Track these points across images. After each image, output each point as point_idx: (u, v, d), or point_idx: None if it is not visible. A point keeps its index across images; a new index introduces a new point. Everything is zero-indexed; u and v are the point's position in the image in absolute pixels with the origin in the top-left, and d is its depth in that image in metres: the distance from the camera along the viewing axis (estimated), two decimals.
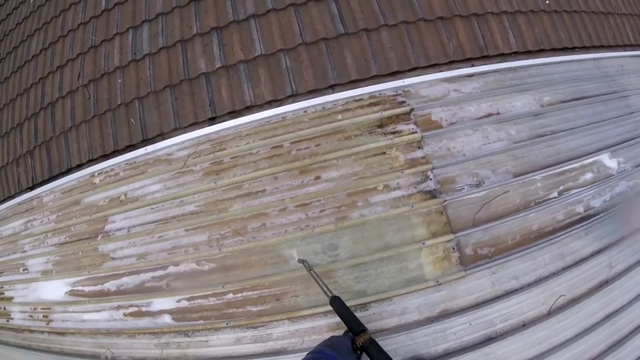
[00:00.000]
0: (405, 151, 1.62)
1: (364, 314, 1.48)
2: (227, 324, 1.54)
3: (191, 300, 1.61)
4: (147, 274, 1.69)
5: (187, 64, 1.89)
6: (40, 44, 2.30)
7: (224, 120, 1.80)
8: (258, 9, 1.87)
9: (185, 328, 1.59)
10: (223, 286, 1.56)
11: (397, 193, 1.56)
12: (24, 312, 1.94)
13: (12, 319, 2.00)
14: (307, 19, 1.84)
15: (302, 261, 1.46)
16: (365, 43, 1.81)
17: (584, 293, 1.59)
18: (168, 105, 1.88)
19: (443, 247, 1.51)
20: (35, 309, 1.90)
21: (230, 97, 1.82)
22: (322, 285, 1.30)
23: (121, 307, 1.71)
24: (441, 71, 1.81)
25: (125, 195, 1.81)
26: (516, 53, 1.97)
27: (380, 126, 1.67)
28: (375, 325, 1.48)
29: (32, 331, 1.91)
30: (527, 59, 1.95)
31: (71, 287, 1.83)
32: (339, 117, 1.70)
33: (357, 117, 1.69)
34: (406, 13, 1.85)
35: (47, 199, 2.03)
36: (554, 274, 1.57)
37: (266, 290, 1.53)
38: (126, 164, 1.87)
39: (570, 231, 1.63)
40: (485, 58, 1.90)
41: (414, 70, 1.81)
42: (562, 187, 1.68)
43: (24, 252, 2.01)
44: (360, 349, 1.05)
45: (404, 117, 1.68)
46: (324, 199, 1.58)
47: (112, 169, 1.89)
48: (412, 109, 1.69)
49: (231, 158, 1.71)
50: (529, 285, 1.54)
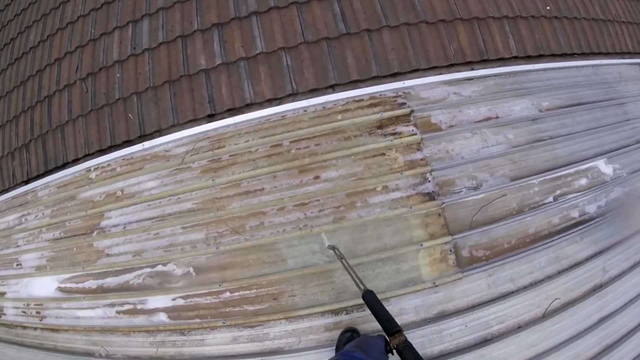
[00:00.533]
0: (405, 153, 1.64)
1: (361, 314, 1.50)
2: (224, 322, 1.55)
3: (187, 299, 1.61)
4: (143, 271, 1.69)
5: (187, 60, 1.89)
6: (38, 36, 2.28)
7: (223, 118, 1.81)
8: (260, 6, 1.88)
9: (181, 326, 1.60)
10: (220, 285, 1.57)
11: (396, 194, 1.58)
12: (17, 307, 1.93)
13: (5, 314, 1.99)
14: (310, 17, 1.85)
15: (333, 247, 1.40)
16: (367, 43, 1.83)
17: (578, 296, 1.62)
18: (167, 101, 1.88)
19: (441, 249, 1.53)
20: (28, 304, 1.89)
21: (230, 94, 1.82)
22: (355, 277, 1.20)
23: (116, 304, 1.71)
24: (441, 74, 1.84)
25: (122, 191, 1.81)
26: (516, 58, 2.00)
27: (380, 127, 1.69)
28: (372, 325, 1.49)
29: (25, 327, 1.90)
30: (526, 64, 1.98)
31: (65, 284, 1.83)
32: (339, 117, 1.72)
33: (357, 117, 1.70)
34: (408, 15, 1.87)
35: (42, 194, 2.03)
36: (550, 277, 1.60)
37: (263, 289, 1.55)
38: (123, 159, 1.86)
39: (565, 235, 1.66)
40: (485, 62, 1.93)
41: (415, 72, 1.83)
42: (558, 192, 1.71)
43: (18, 246, 2.00)
44: (394, 351, 0.95)
45: (404, 118, 1.70)
46: (323, 198, 1.60)
47: (108, 164, 1.89)
48: (412, 111, 1.71)
49: (230, 156, 1.72)
50: (525, 287, 1.56)
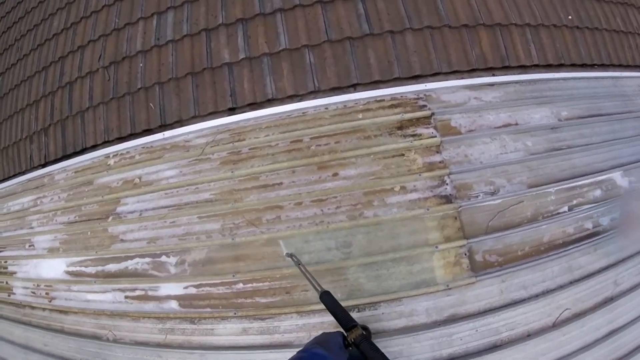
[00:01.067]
0: (424, 154, 1.68)
1: (373, 313, 1.53)
2: (235, 313, 1.59)
3: (199, 288, 1.66)
4: (157, 259, 1.73)
5: (211, 53, 1.95)
6: (62, 24, 2.36)
7: (244, 112, 1.86)
8: (285, 3, 1.94)
9: (192, 315, 1.64)
10: (233, 275, 1.61)
11: (414, 195, 1.62)
12: (27, 288, 1.98)
13: (14, 294, 2.04)
14: (334, 16, 1.91)
15: (291, 255, 1.49)
16: (390, 45, 1.88)
17: (589, 308, 1.64)
18: (189, 93, 1.94)
19: (455, 252, 1.56)
20: (38, 285, 1.94)
21: (252, 89, 1.88)
22: (312, 280, 1.28)
23: (127, 289, 1.75)
24: (463, 78, 1.88)
25: (140, 178, 1.86)
26: (537, 66, 2.04)
27: (400, 128, 1.73)
28: (382, 325, 1.53)
29: (33, 307, 1.95)
30: (547, 72, 2.02)
31: (77, 267, 1.88)
32: (360, 116, 1.76)
33: (377, 117, 1.75)
34: (432, 18, 1.92)
35: (58, 177, 2.08)
36: (562, 287, 1.62)
37: (276, 282, 1.59)
38: (143, 147, 1.92)
39: (579, 246, 1.68)
40: (506, 68, 1.97)
41: (436, 75, 1.88)
42: (574, 202, 1.75)
43: (32, 228, 2.05)
44: (352, 345, 1.04)
45: (424, 120, 1.74)
46: (341, 195, 1.64)
47: (127, 152, 1.95)
48: (432, 113, 1.75)
49: (250, 149, 1.77)
50: (537, 296, 1.59)
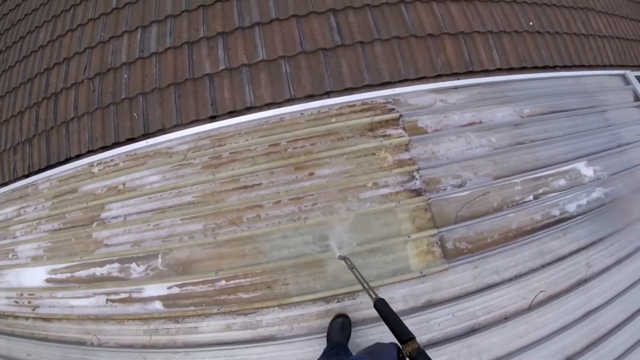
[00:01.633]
0: (394, 153, 1.84)
1: (352, 302, 1.64)
2: (219, 309, 1.67)
3: (183, 287, 1.75)
4: (140, 261, 1.83)
5: (193, 65, 2.12)
6: (48, 36, 2.51)
7: (225, 119, 2.01)
8: (262, 17, 2.14)
9: (176, 314, 1.72)
10: (216, 273, 1.71)
11: (385, 190, 1.77)
12: (10, 297, 2.03)
13: None
14: (308, 29, 2.11)
15: (344, 258, 1.50)
16: (360, 55, 2.07)
17: (563, 290, 1.76)
18: (171, 102, 2.09)
19: (427, 241, 1.70)
20: (21, 294, 2.00)
21: (232, 98, 2.04)
22: (366, 286, 1.24)
23: (111, 293, 1.83)
24: (429, 83, 2.08)
25: (124, 184, 1.98)
26: (500, 70, 2.26)
27: (371, 129, 1.90)
28: (362, 314, 1.64)
29: (16, 317, 1.99)
30: (509, 74, 2.23)
31: (61, 273, 1.95)
32: (333, 120, 1.93)
33: (350, 120, 1.92)
34: (399, 29, 2.14)
35: (42, 187, 2.18)
36: (534, 270, 1.74)
37: (258, 277, 1.69)
38: (126, 155, 2.04)
39: (548, 231, 1.81)
40: (470, 73, 2.18)
41: (404, 81, 2.08)
42: (540, 191, 1.91)
43: (15, 237, 2.12)
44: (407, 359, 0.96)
45: (393, 122, 1.92)
46: (317, 193, 1.78)
47: (111, 160, 2.06)
48: (400, 116, 1.93)
49: (230, 153, 1.91)
50: (510, 280, 1.71)
